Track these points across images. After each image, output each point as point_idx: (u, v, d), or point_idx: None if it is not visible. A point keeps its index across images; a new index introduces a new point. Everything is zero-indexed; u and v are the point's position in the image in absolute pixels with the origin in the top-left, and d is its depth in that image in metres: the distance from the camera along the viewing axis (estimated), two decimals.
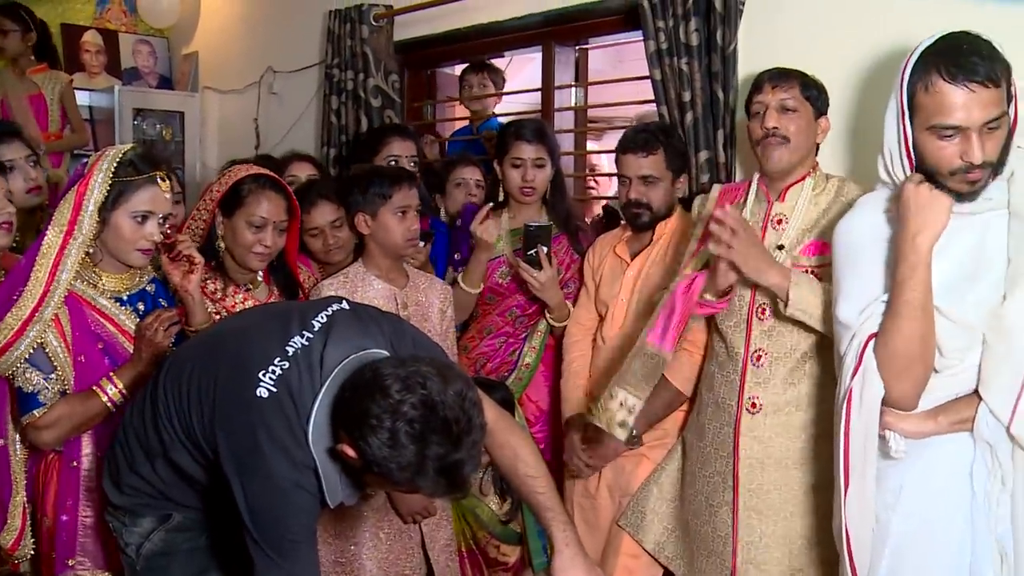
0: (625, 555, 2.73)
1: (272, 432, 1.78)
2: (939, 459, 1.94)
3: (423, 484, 1.71)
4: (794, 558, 2.40)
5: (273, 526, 1.79)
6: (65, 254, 2.18)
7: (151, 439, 1.97)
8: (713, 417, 2.48)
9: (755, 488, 2.40)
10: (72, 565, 2.26)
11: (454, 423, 1.67)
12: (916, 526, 1.96)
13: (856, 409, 1.94)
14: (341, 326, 1.89)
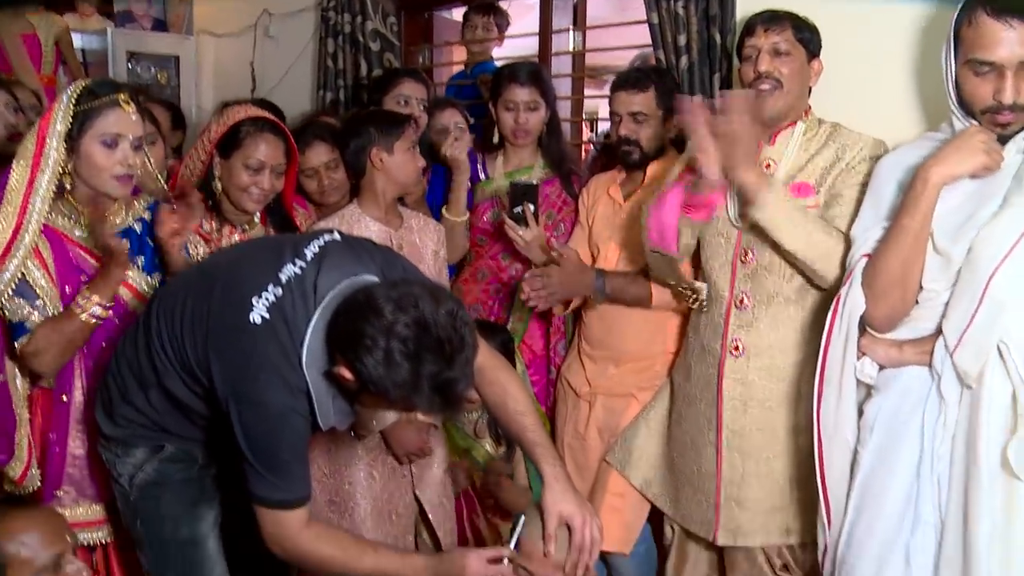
0: (612, 494, 2.80)
1: (266, 357, 1.83)
2: (906, 393, 2.04)
3: (419, 402, 1.77)
4: (776, 497, 2.46)
5: (266, 448, 1.86)
6: (34, 188, 2.19)
7: (144, 368, 2.02)
8: (698, 359, 2.53)
9: (738, 429, 2.46)
10: (59, 495, 2.32)
11: (447, 342, 1.73)
12: (881, 459, 2.06)
13: (839, 319, 2.06)
14: (334, 255, 1.94)
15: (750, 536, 2.51)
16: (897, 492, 2.02)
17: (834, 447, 2.13)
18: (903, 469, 2.02)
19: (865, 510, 2.07)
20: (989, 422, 1.90)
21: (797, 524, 2.48)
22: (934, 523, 1.99)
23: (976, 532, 1.91)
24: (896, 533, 2.02)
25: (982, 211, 1.93)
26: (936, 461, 1.98)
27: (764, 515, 2.49)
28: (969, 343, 1.90)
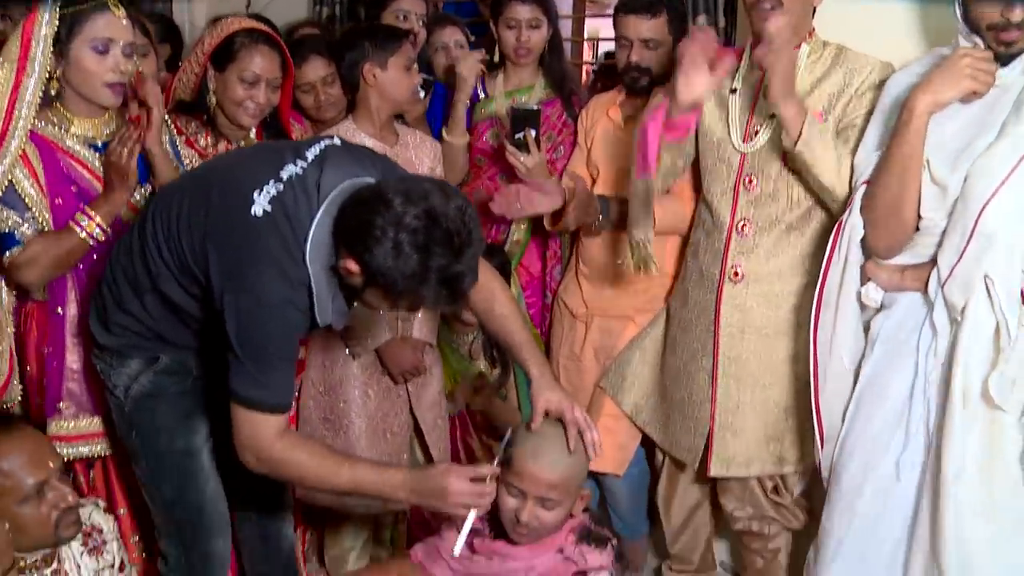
0: (607, 415, 2.83)
1: (266, 250, 1.83)
2: (908, 314, 2.08)
3: (425, 293, 1.78)
4: (770, 426, 2.49)
5: (256, 340, 1.85)
6: (20, 93, 2.15)
7: (139, 273, 2.02)
8: (696, 285, 2.53)
9: (734, 356, 2.47)
10: (61, 408, 2.33)
11: (456, 235, 1.74)
12: (877, 378, 2.12)
13: (839, 245, 2.11)
14: (335, 157, 1.93)
15: (743, 466, 2.54)
16: (890, 406, 2.09)
17: (828, 368, 2.18)
18: (898, 386, 2.08)
19: (858, 420, 2.14)
20: (968, 353, 1.94)
21: (792, 454, 2.51)
22: (923, 442, 2.04)
23: (946, 456, 1.95)
24: (887, 444, 2.08)
25: (979, 141, 1.93)
26: (928, 386, 2.02)
27: (758, 444, 2.51)
28: (958, 277, 1.93)
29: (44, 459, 1.87)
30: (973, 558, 1.95)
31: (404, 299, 1.85)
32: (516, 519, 1.91)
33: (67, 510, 1.89)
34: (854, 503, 2.13)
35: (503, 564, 2.00)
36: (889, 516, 2.09)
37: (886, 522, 2.09)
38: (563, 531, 1.99)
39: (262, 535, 2.56)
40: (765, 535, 2.67)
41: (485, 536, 2.05)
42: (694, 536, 2.94)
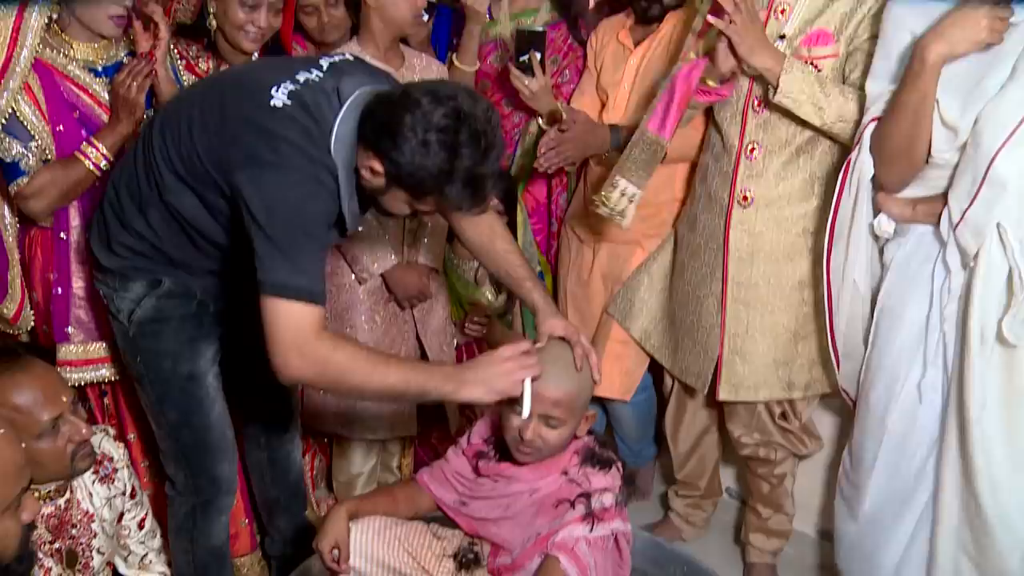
0: (614, 341, 2.84)
1: (289, 136, 1.80)
2: (919, 246, 2.08)
3: (450, 193, 1.78)
4: (779, 351, 2.49)
5: (287, 216, 1.79)
6: (24, 19, 2.12)
7: (143, 188, 2.00)
8: (705, 209, 2.52)
9: (743, 281, 2.47)
10: (70, 333, 2.35)
11: (483, 135, 1.74)
12: (893, 302, 2.13)
13: (849, 182, 2.10)
14: (349, 68, 1.93)
15: (752, 391, 2.55)
16: (907, 333, 2.10)
17: (843, 293, 2.20)
18: (914, 314, 2.09)
19: (878, 343, 2.17)
20: (983, 296, 1.93)
21: (800, 379, 2.52)
22: (942, 366, 2.05)
23: (969, 395, 1.97)
24: (907, 370, 2.11)
25: (990, 80, 1.89)
26: (944, 320, 2.02)
27: (766, 369, 2.52)
28: (969, 221, 1.92)
29: (58, 394, 1.87)
30: (1009, 511, 1.99)
31: (427, 200, 1.84)
32: (520, 437, 1.91)
33: (82, 443, 1.90)
34: (884, 420, 2.17)
35: (508, 486, 2.01)
36: (916, 434, 2.13)
37: (914, 439, 2.13)
38: (567, 453, 1.99)
39: (271, 460, 2.60)
40: (772, 461, 2.69)
41: (490, 458, 2.07)
42: (701, 462, 2.97)
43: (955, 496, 2.07)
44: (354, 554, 1.96)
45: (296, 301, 1.78)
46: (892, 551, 2.23)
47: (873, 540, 2.28)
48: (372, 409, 2.85)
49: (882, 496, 2.23)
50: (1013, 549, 2.01)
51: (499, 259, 2.17)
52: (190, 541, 2.32)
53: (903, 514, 2.20)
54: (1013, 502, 1.99)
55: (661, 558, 2.51)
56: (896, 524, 2.21)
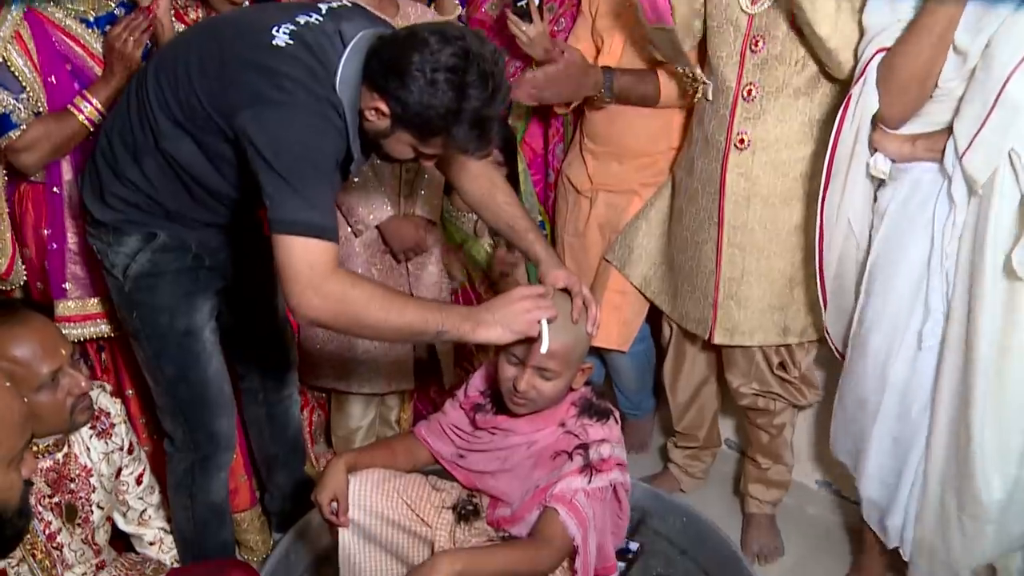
0: (612, 291, 2.84)
1: (293, 73, 1.78)
2: (917, 186, 2.07)
3: (457, 134, 1.79)
4: (775, 296, 2.50)
5: (295, 149, 1.77)
6: None
7: (138, 135, 1.98)
8: (702, 153, 2.50)
9: (739, 225, 2.46)
10: (67, 288, 2.34)
11: (491, 76, 1.75)
12: (890, 249, 2.12)
13: (850, 116, 2.07)
14: (350, 13, 1.92)
15: (747, 335, 2.55)
16: (906, 281, 2.10)
17: (835, 235, 2.19)
18: (912, 260, 2.09)
19: (875, 294, 2.16)
20: (997, 227, 1.91)
21: (796, 325, 2.52)
22: (943, 312, 2.06)
23: (979, 329, 1.97)
24: (907, 318, 2.12)
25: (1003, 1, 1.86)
26: (945, 258, 2.02)
27: (762, 314, 2.52)
28: (979, 147, 1.89)
29: (57, 346, 1.87)
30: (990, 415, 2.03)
31: (433, 142, 1.84)
32: (513, 388, 1.91)
33: (81, 396, 1.91)
34: (885, 371, 2.19)
35: (505, 439, 2.02)
36: (916, 381, 2.16)
37: (914, 387, 2.17)
38: (564, 405, 2.00)
39: (269, 416, 2.62)
40: (770, 411, 2.70)
41: (487, 411, 2.07)
42: (700, 413, 2.97)
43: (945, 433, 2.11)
44: (353, 506, 1.97)
45: (310, 238, 1.75)
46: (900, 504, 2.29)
47: (886, 500, 2.32)
48: (369, 363, 2.85)
49: (886, 452, 2.27)
50: (993, 474, 2.06)
51: (500, 212, 2.16)
52: (189, 497, 2.33)
53: (908, 461, 2.24)
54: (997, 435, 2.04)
55: (660, 509, 2.55)
56: (901, 474, 2.26)
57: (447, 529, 2.03)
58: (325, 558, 2.35)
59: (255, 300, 2.42)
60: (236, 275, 2.27)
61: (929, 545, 2.25)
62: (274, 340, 2.53)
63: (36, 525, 1.89)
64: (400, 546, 2.03)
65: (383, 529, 2.01)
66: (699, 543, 2.47)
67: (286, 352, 2.57)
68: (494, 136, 1.85)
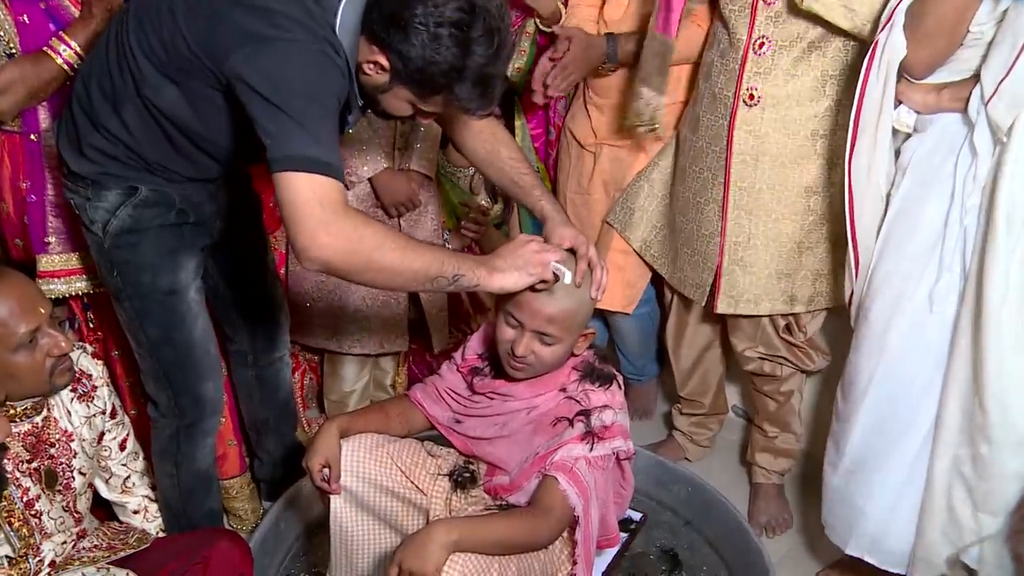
0: (615, 251, 2.83)
1: (288, 11, 1.73)
2: (942, 137, 2.03)
3: (459, 92, 1.77)
4: (782, 261, 2.47)
5: (300, 88, 1.71)
6: None
7: (117, 82, 1.93)
8: (708, 109, 2.46)
9: (746, 186, 2.43)
10: (50, 243, 2.30)
11: (496, 32, 1.73)
12: (909, 205, 2.08)
13: (877, 65, 2.01)
14: None
15: (752, 304, 2.53)
16: (923, 236, 2.05)
17: (866, 197, 2.13)
18: (931, 214, 2.04)
19: (888, 253, 2.12)
20: (1013, 175, 1.89)
21: (804, 292, 2.50)
22: (959, 272, 2.02)
23: (990, 283, 1.93)
24: (918, 278, 2.07)
25: None
26: (964, 213, 1.98)
27: (768, 281, 2.50)
28: (1005, 93, 1.86)
29: (35, 305, 1.83)
30: (1009, 395, 1.96)
31: (434, 99, 1.82)
32: (512, 352, 1.90)
33: (61, 357, 1.88)
34: (884, 337, 2.13)
35: (503, 404, 2.01)
36: (921, 352, 2.09)
37: (917, 358, 2.10)
38: (565, 369, 1.99)
39: (259, 379, 2.60)
40: (777, 377, 2.69)
41: (485, 375, 2.06)
42: (704, 378, 2.96)
43: (957, 410, 2.05)
44: (345, 472, 1.96)
45: (317, 174, 1.68)
46: (879, 501, 2.21)
47: (859, 487, 2.25)
48: (362, 321, 2.85)
49: (870, 433, 2.20)
50: (1016, 451, 2.00)
51: (505, 168, 2.13)
52: (174, 465, 2.32)
53: (891, 454, 2.17)
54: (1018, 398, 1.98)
55: (664, 478, 2.57)
56: (885, 466, 2.18)
57: (443, 497, 2.03)
58: (317, 526, 2.38)
59: (243, 257, 2.39)
60: (222, 231, 2.24)
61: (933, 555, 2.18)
62: (264, 299, 2.51)
63: (13, 491, 1.87)
64: (394, 514, 2.03)
65: (376, 497, 2.01)
66: (704, 514, 2.50)
67: (276, 312, 2.55)
68: (497, 95, 1.82)
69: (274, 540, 2.35)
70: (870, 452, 2.21)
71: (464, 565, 1.67)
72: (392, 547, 1.92)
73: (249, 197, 2.38)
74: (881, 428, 2.18)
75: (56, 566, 1.95)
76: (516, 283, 1.84)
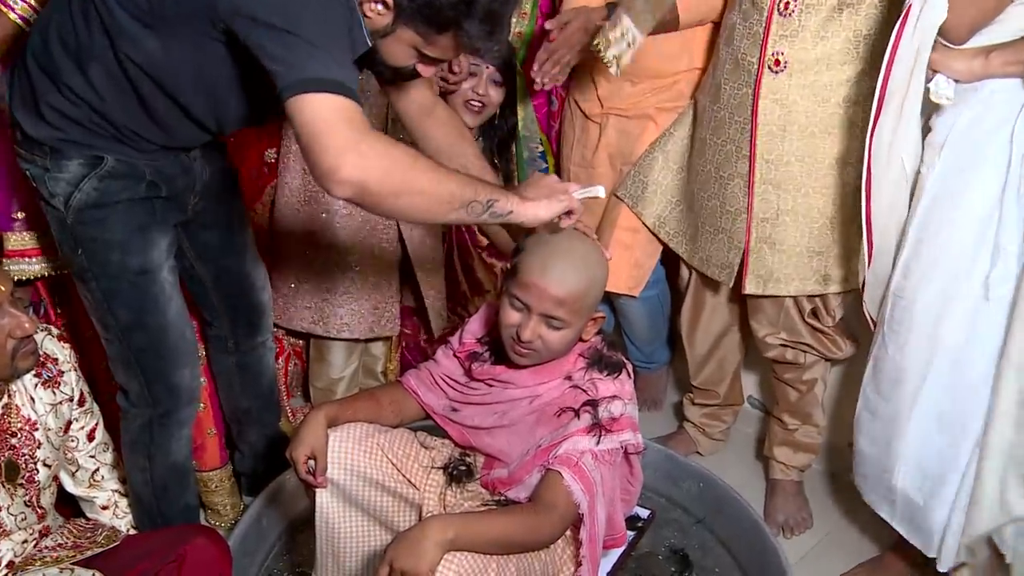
0: (622, 228, 2.81)
1: None
2: (987, 109, 1.99)
3: (469, 28, 1.76)
4: (813, 238, 2.45)
5: (311, 13, 1.67)
6: None
7: (83, 37, 1.86)
8: (731, 76, 2.43)
9: (774, 159, 2.40)
10: (17, 218, 2.27)
11: None
12: (951, 187, 2.04)
13: (910, 28, 1.97)
14: None
15: (782, 284, 2.51)
16: (972, 220, 2.02)
17: (887, 173, 2.10)
18: (980, 194, 2.01)
19: (927, 241, 2.08)
20: None
21: (837, 271, 2.48)
22: (1017, 252, 1.99)
23: None
24: (969, 265, 2.04)
25: None
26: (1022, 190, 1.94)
27: (799, 259, 2.48)
28: None
29: None
30: None
31: (441, 38, 1.81)
32: (517, 337, 1.89)
33: (24, 339, 1.86)
34: (937, 332, 2.10)
35: (504, 392, 2.00)
36: (978, 342, 2.07)
37: (975, 349, 2.08)
38: (571, 356, 1.97)
39: (240, 365, 2.58)
40: (800, 364, 2.66)
41: (484, 360, 2.05)
42: (720, 366, 2.94)
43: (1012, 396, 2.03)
44: (332, 465, 1.95)
45: (340, 95, 1.64)
46: (944, 500, 2.20)
47: (926, 487, 2.24)
48: (351, 304, 2.84)
49: (934, 434, 2.19)
50: None
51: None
52: (147, 458, 2.29)
53: (957, 452, 2.15)
54: None
55: (675, 473, 2.58)
56: (954, 464, 2.17)
57: (437, 491, 2.02)
58: (301, 523, 2.38)
59: (220, 235, 2.36)
60: (198, 206, 2.21)
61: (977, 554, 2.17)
62: (245, 280, 2.48)
63: None
64: (384, 509, 2.02)
65: (365, 490, 2.00)
66: (717, 512, 2.48)
67: (259, 294, 2.52)
68: (505, 36, 1.82)
69: (255, 538, 2.34)
70: (935, 452, 2.20)
71: (460, 565, 1.66)
72: (382, 545, 1.92)
73: (226, 170, 2.34)
74: (942, 427, 2.17)
75: (15, 567, 1.93)
76: (548, 211, 1.84)
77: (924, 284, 2.10)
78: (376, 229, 2.79)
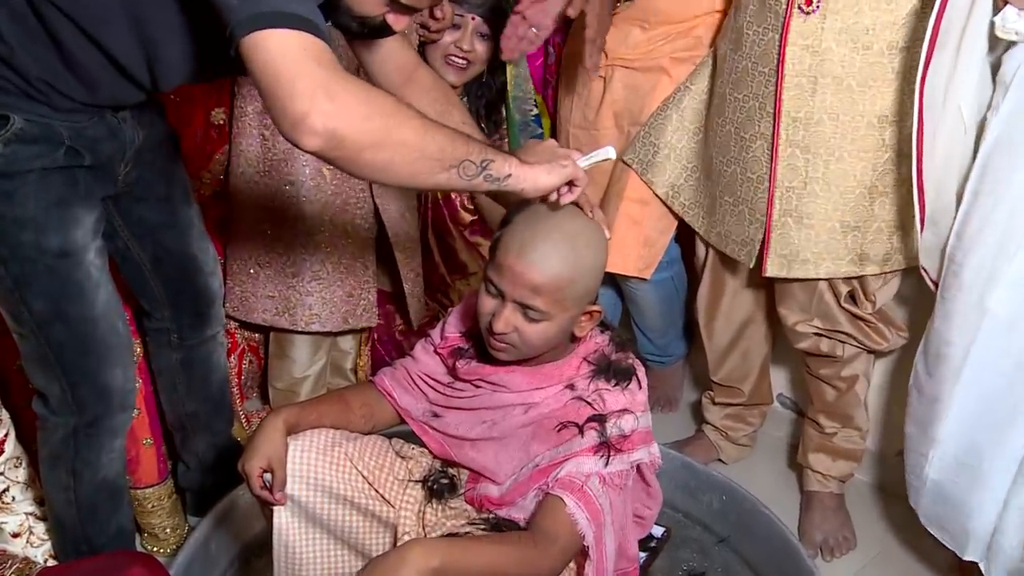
0: (630, 200, 2.79)
1: None
2: None
3: None
4: (848, 211, 2.42)
5: None
6: None
7: None
8: (755, 19, 2.40)
9: (803, 117, 2.37)
10: None
11: None
12: (1014, 132, 2.01)
13: None
14: None
15: (810, 265, 2.49)
16: None
17: (941, 125, 2.08)
18: None
19: (984, 194, 2.06)
20: None
21: (877, 249, 2.45)
22: None
23: None
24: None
25: None
26: None
27: (830, 235, 2.45)
28: None
29: None
30: None
31: None
32: (490, 327, 1.87)
33: None
34: (984, 302, 2.08)
35: (493, 396, 1.97)
36: None
37: None
38: (574, 359, 1.95)
39: (185, 362, 2.56)
40: (838, 358, 2.65)
41: (471, 358, 2.02)
42: (744, 360, 2.93)
43: None
44: (292, 478, 1.92)
45: (306, 31, 1.58)
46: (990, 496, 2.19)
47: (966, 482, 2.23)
48: (322, 292, 2.84)
49: (975, 418, 2.18)
50: None
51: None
52: (70, 474, 2.25)
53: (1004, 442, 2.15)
54: None
55: (693, 484, 2.58)
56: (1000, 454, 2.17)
57: (414, 508, 1.99)
58: (257, 547, 2.36)
59: (160, 208, 2.32)
60: (130, 176, 2.16)
61: None
62: (190, 263, 2.44)
63: None
64: (353, 530, 2.00)
65: (331, 508, 1.97)
66: (743, 529, 2.47)
67: (207, 279, 2.48)
68: None
69: (202, 565, 2.30)
70: (977, 441, 2.19)
71: None
72: (351, 572, 1.94)
73: (164, 133, 2.30)
74: (987, 412, 2.16)
75: None
76: (550, 178, 1.78)
77: (976, 245, 2.09)
78: (349, 203, 2.78)
